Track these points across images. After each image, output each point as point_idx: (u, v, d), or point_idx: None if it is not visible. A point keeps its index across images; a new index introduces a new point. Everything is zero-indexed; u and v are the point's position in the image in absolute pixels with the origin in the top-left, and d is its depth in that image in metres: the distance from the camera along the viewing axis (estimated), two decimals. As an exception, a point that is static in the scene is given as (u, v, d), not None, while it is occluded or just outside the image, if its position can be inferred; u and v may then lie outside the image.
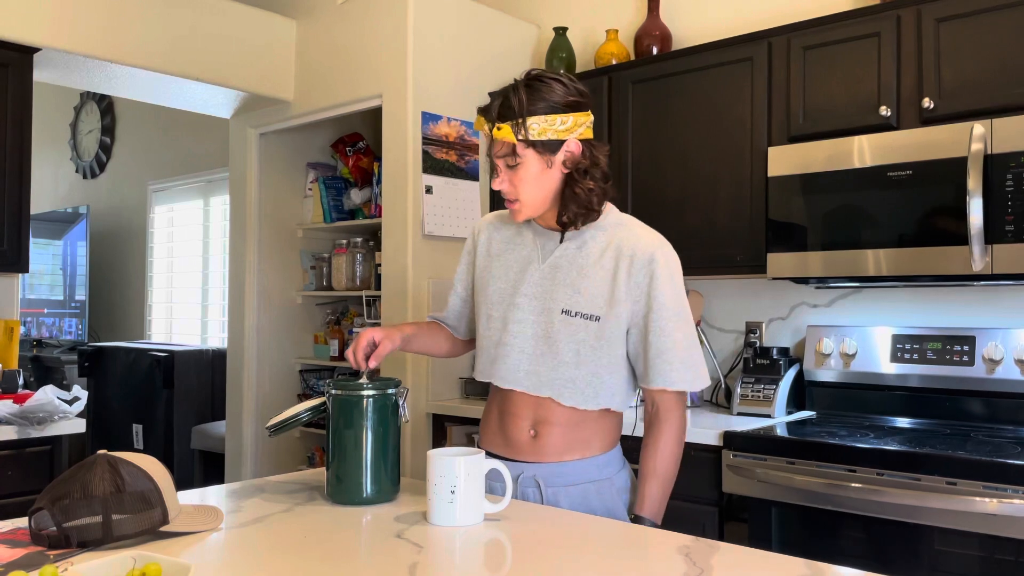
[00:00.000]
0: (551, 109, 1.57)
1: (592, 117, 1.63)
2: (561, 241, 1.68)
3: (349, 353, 1.69)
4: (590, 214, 1.64)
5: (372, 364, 1.66)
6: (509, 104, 1.58)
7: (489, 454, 1.71)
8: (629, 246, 1.63)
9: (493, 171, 1.65)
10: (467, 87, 3.39)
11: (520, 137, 1.57)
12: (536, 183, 1.61)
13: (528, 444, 1.67)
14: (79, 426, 2.76)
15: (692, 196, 2.85)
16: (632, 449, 1.73)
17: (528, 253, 1.70)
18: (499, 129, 1.58)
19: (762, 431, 2.41)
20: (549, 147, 1.59)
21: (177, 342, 5.37)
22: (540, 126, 1.56)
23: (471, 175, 3.37)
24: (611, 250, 1.64)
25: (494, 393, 1.76)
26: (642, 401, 1.71)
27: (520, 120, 1.56)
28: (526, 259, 1.70)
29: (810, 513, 2.21)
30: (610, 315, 1.62)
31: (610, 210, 1.69)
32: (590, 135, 1.63)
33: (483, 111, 1.63)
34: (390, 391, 1.60)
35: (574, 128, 1.59)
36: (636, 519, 1.63)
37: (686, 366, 1.62)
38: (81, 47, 3.05)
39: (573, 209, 1.62)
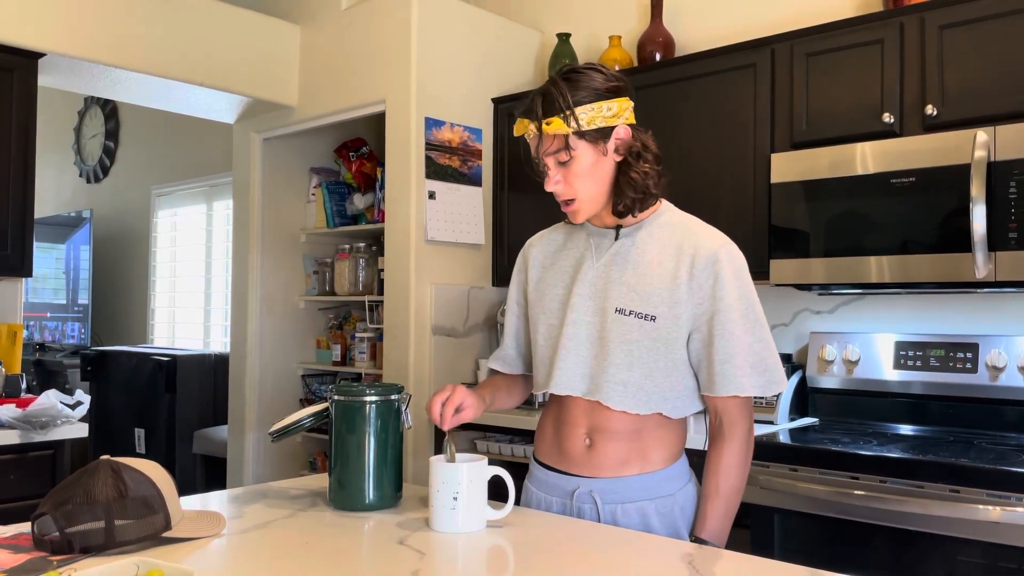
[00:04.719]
0: (596, 96, 1.52)
1: (632, 103, 1.58)
2: (616, 238, 1.60)
3: (435, 407, 1.57)
4: (647, 199, 1.56)
5: (450, 426, 1.57)
6: (553, 98, 1.51)
7: (544, 466, 1.66)
8: (691, 245, 1.55)
9: (541, 175, 1.57)
10: (470, 93, 3.40)
11: (572, 128, 1.50)
12: (591, 176, 1.54)
13: (583, 455, 1.59)
14: (81, 430, 2.76)
15: (695, 202, 2.80)
16: (695, 465, 1.65)
17: (582, 254, 1.63)
18: (548, 124, 1.50)
19: (765, 438, 2.41)
20: (602, 135, 1.53)
21: (180, 346, 5.38)
22: (589, 115, 1.50)
23: (474, 181, 3.38)
24: (671, 248, 1.56)
25: (550, 403, 1.68)
26: (705, 412, 1.61)
27: (569, 111, 1.50)
28: (580, 260, 1.63)
29: (813, 520, 2.21)
30: (668, 316, 1.53)
31: (667, 207, 1.63)
32: (633, 120, 1.57)
33: (525, 112, 1.55)
34: (393, 397, 1.60)
35: (620, 113, 1.54)
36: (697, 541, 1.52)
37: (756, 371, 1.52)
38: (85, 52, 3.06)
39: (630, 195, 1.54)
